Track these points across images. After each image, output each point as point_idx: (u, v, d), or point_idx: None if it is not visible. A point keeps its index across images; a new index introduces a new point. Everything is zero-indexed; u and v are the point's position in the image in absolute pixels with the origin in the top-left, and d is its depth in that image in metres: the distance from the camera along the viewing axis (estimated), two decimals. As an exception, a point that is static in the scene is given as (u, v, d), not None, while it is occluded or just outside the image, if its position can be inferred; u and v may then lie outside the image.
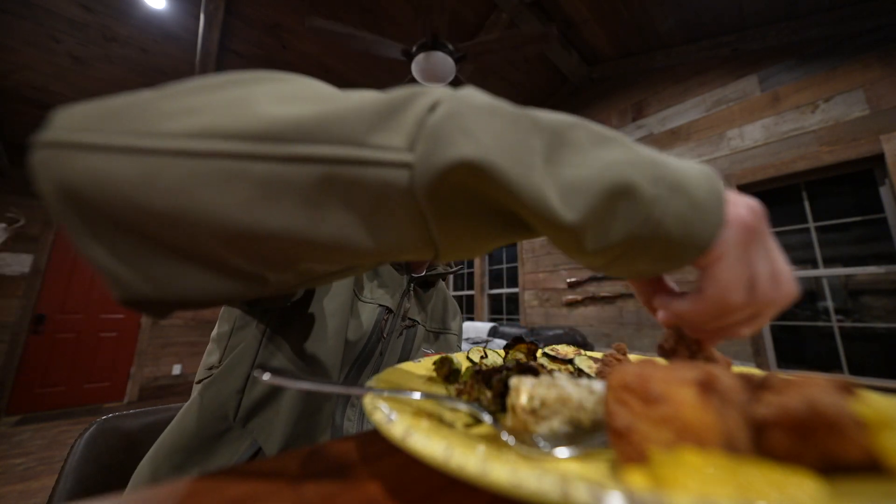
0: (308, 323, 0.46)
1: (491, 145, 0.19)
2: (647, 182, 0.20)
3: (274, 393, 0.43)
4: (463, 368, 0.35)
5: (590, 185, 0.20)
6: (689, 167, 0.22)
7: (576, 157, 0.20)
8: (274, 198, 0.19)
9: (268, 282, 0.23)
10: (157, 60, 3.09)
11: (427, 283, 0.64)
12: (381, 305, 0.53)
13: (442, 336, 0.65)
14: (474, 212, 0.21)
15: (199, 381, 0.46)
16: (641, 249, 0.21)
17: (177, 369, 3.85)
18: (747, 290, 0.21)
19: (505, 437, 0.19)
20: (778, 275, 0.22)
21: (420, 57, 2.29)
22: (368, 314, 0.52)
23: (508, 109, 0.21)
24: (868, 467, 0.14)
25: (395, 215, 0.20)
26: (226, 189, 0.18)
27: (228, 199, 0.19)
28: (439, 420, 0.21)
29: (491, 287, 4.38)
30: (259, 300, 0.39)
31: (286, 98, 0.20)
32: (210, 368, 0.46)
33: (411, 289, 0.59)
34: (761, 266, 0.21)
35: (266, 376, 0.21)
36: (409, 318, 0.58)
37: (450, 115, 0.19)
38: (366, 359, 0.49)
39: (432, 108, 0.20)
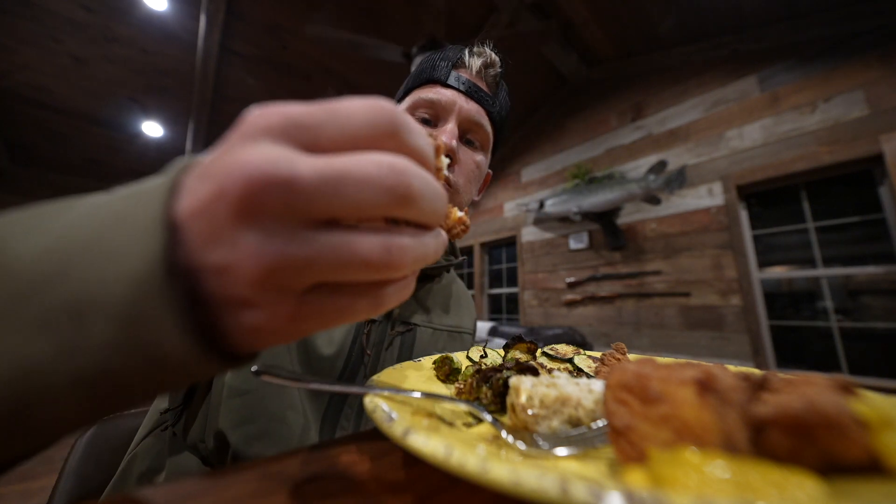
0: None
1: None
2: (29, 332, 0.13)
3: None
4: (463, 368, 0.35)
5: None
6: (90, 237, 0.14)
7: None
8: None
9: None
10: (158, 61, 3.09)
11: (425, 277, 0.55)
12: None
13: (458, 336, 0.57)
14: None
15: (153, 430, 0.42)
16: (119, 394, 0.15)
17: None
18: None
19: (505, 435, 0.19)
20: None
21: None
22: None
23: None
24: (868, 467, 0.14)
25: None
26: None
27: None
28: (439, 419, 0.21)
29: (491, 287, 4.38)
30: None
31: None
32: (164, 412, 0.43)
33: None
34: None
35: (266, 376, 0.22)
36: (403, 323, 0.51)
37: None
38: (349, 379, 0.44)
39: None
